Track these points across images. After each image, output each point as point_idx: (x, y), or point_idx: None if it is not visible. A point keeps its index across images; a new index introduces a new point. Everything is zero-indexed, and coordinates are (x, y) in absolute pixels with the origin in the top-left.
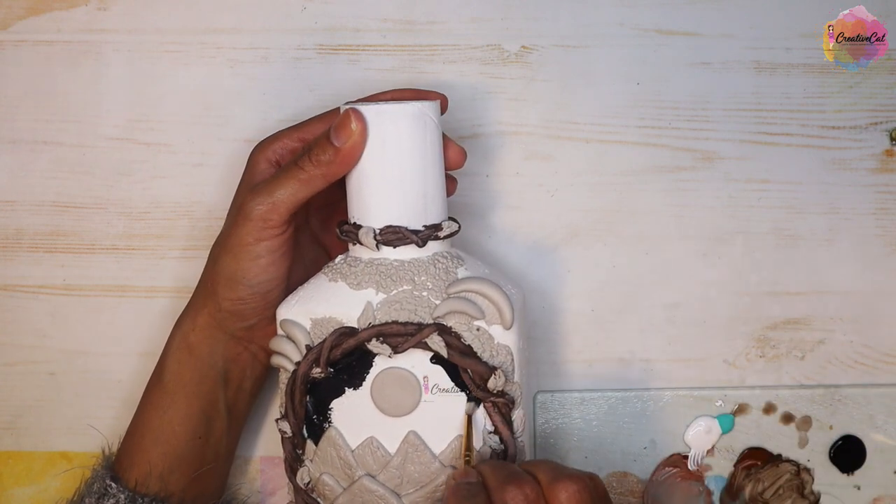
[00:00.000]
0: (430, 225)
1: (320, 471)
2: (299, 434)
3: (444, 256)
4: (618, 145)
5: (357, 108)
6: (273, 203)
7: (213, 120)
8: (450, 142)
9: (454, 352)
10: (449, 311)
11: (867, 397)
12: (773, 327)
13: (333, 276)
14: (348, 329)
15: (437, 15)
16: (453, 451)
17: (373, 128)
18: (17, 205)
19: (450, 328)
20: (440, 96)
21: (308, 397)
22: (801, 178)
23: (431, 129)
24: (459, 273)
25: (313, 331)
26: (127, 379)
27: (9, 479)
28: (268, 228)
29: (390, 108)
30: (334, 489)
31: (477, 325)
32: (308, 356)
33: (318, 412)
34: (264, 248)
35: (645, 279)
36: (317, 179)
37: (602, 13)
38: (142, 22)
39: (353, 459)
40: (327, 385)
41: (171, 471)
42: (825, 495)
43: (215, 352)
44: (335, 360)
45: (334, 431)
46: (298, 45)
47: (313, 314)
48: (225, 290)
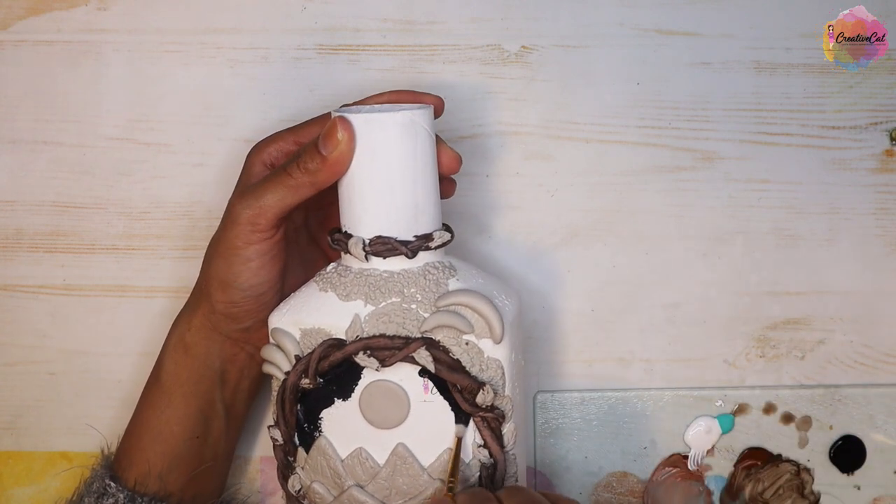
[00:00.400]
0: (420, 235)
1: (311, 479)
2: (290, 442)
3: (436, 267)
4: (618, 145)
5: (345, 117)
6: (260, 207)
7: (213, 120)
8: (444, 147)
9: (442, 366)
10: (437, 325)
11: (867, 397)
12: (773, 327)
13: (324, 286)
14: (336, 341)
15: (437, 15)
16: (442, 464)
17: (361, 136)
18: (17, 205)
19: (438, 342)
20: (437, 99)
21: (299, 405)
22: (801, 178)
23: (422, 136)
24: (450, 285)
25: (302, 341)
26: (126, 379)
27: (9, 479)
28: (256, 232)
29: (379, 116)
30: (325, 497)
31: (466, 339)
32: (297, 366)
33: (309, 421)
34: (254, 252)
35: (645, 279)
36: (304, 187)
37: (602, 13)
38: (142, 22)
39: (343, 469)
40: (317, 395)
41: (169, 470)
42: (825, 495)
43: (212, 352)
44: (323, 371)
45: (324, 441)
46: (298, 45)
47: (303, 324)
48: (218, 293)
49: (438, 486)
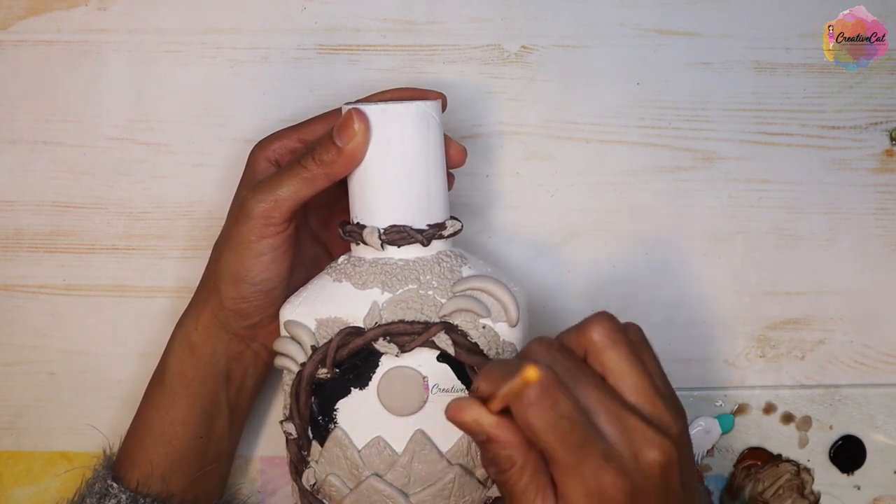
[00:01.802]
0: (433, 224)
1: (326, 472)
2: (304, 436)
3: (448, 255)
4: (618, 145)
5: (360, 109)
6: (275, 201)
7: (213, 120)
8: (450, 141)
9: (461, 350)
10: (455, 310)
11: (867, 397)
12: (773, 327)
13: (338, 277)
14: (354, 329)
15: (437, 15)
16: (460, 449)
17: (376, 127)
18: (17, 205)
19: (456, 326)
20: (440, 95)
21: (313, 398)
22: (801, 178)
23: (434, 128)
24: (464, 271)
25: (318, 331)
26: (127, 379)
27: (9, 479)
28: (270, 226)
29: (394, 107)
30: (341, 490)
31: (483, 322)
32: (314, 357)
33: (324, 413)
34: (266, 246)
35: (645, 279)
36: (319, 179)
37: (602, 13)
38: (142, 22)
39: (360, 459)
40: (333, 386)
41: (172, 471)
42: (825, 495)
43: (218, 351)
44: (341, 360)
45: (340, 432)
46: (298, 45)
47: (318, 315)
48: (228, 289)
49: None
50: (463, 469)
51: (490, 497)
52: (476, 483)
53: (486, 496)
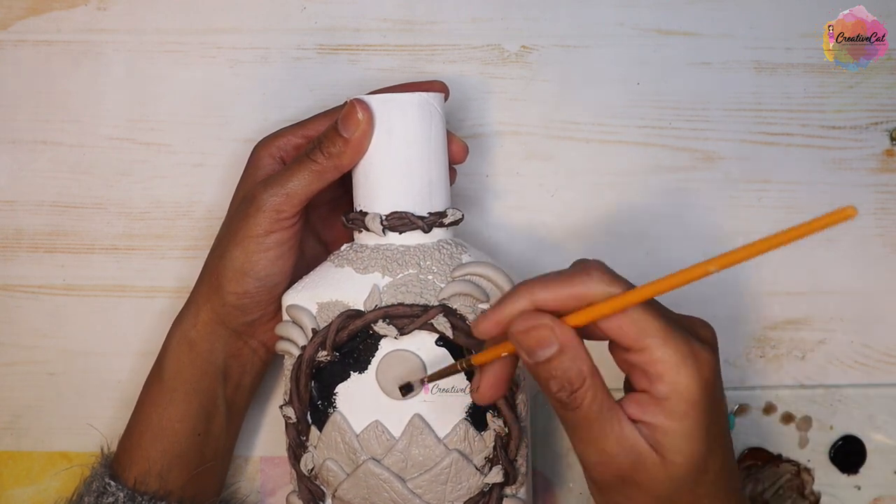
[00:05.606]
0: (434, 212)
1: (324, 457)
2: (304, 420)
3: (449, 243)
4: (618, 145)
5: (362, 99)
6: (286, 194)
7: (213, 120)
8: (453, 136)
9: (459, 333)
10: (454, 294)
11: (867, 397)
12: (773, 327)
13: (339, 262)
14: (355, 311)
15: (437, 15)
16: (458, 435)
17: (379, 116)
18: (17, 205)
19: (455, 310)
20: (442, 85)
21: (312, 382)
22: (801, 178)
23: (436, 118)
24: (463, 258)
25: (319, 315)
26: (127, 379)
27: (9, 479)
28: (280, 220)
29: (396, 96)
30: (338, 475)
31: (481, 307)
32: (314, 339)
33: (323, 397)
34: (274, 241)
35: (645, 279)
36: (329, 171)
37: (602, 13)
38: (142, 22)
39: (358, 444)
40: (332, 370)
41: (170, 468)
42: (825, 495)
43: (216, 348)
44: (341, 342)
45: (339, 416)
46: (298, 45)
47: (319, 298)
48: (231, 284)
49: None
50: (460, 454)
51: (488, 484)
52: (473, 469)
53: (484, 483)
